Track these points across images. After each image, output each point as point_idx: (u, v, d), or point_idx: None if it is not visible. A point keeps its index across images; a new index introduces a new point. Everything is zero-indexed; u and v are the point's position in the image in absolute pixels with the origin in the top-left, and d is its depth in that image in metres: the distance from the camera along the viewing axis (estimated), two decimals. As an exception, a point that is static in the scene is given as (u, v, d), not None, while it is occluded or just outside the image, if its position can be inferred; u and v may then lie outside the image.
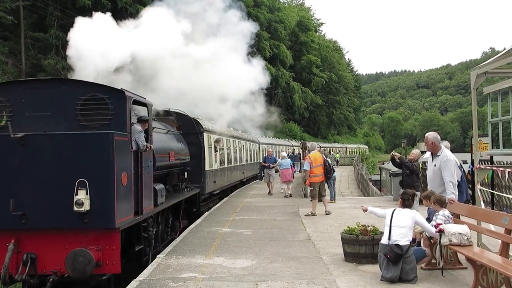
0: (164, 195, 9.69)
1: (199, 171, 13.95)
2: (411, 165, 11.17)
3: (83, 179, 6.52)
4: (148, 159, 8.42)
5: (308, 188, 18.55)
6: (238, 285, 6.29)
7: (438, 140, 7.40)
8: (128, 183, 7.18)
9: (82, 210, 6.46)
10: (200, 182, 13.92)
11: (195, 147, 13.88)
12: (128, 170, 7.23)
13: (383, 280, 6.24)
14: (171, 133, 12.21)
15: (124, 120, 7.36)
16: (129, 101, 7.55)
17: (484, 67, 7.45)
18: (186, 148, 13.13)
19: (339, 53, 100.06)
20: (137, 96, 8.19)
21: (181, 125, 13.69)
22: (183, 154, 12.55)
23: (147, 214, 8.30)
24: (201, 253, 8.29)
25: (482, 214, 6.67)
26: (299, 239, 9.50)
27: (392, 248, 6.16)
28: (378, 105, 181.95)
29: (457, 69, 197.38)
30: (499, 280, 5.57)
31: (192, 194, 12.71)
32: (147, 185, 8.20)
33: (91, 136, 6.87)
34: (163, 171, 10.94)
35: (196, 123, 14.28)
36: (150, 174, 8.54)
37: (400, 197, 6.79)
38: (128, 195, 7.26)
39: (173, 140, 12.11)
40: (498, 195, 11.42)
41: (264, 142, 33.35)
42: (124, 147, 7.18)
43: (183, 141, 13.10)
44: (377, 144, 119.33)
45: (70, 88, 7.49)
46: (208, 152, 14.68)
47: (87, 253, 6.40)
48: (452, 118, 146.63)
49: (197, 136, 14.12)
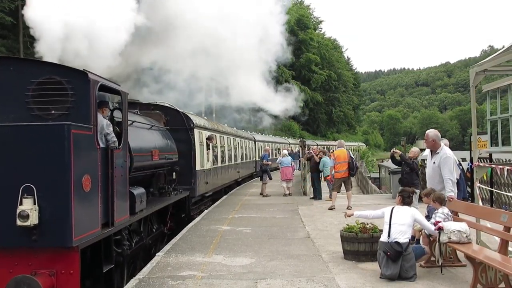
0: (144, 201, 8.38)
1: (189, 171, 12.80)
2: (411, 163, 11.18)
3: (30, 184, 5.19)
4: (122, 159, 7.06)
5: (306, 186, 18.76)
6: (238, 283, 6.29)
7: (438, 138, 7.41)
8: (92, 189, 5.80)
9: (28, 224, 5.10)
10: (190, 183, 12.77)
11: (185, 144, 12.76)
12: (92, 172, 5.87)
13: (382, 278, 6.25)
14: (156, 128, 10.96)
15: (88, 109, 6.00)
16: (95, 86, 6.19)
17: (483, 65, 7.44)
18: (174, 145, 11.97)
19: (338, 51, 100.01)
20: (106, 80, 6.74)
21: (169, 120, 12.49)
22: (170, 152, 11.32)
23: (121, 225, 6.95)
24: (200, 251, 8.29)
25: (481, 212, 6.69)
26: (298, 237, 9.50)
27: (392, 246, 6.17)
28: (377, 103, 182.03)
29: (456, 67, 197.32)
30: (498, 277, 5.58)
31: (181, 197, 11.61)
32: (120, 189, 6.83)
33: (41, 128, 5.50)
34: (145, 173, 9.67)
35: (186, 118, 13.15)
36: (125, 177, 7.18)
37: (399, 195, 6.79)
38: (93, 203, 5.89)
39: (158, 137, 10.88)
40: (497, 193, 11.43)
41: (260, 139, 32.67)
42: (87, 143, 5.82)
43: (170, 138, 11.93)
44: (377, 142, 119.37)
45: (20, 69, 6.14)
46: (199, 150, 13.64)
47: (33, 281, 5.05)
48: (451, 116, 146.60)
49: (187, 133, 12.96)
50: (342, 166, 13.57)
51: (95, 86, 6.20)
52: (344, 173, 13.58)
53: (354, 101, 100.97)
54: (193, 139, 13.10)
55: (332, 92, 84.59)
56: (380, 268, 6.37)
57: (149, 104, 12.67)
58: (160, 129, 11.46)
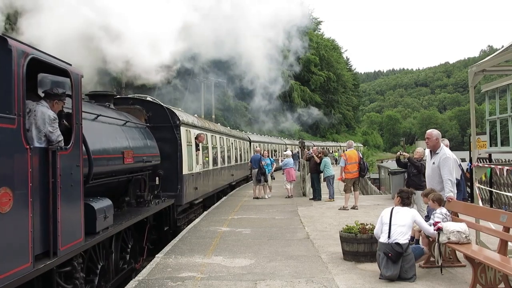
0: (111, 216, 6.58)
1: (175, 176, 11.34)
2: (419, 165, 10.86)
3: None
4: (73, 163, 5.38)
5: (306, 187, 18.76)
6: (237, 284, 6.29)
7: (440, 137, 7.43)
8: (15, 208, 4.09)
9: None
10: (176, 189, 11.30)
11: (170, 144, 11.33)
12: (16, 183, 4.15)
13: (382, 279, 6.25)
14: (132, 125, 9.33)
15: (8, 92, 4.19)
16: (22, 59, 4.42)
17: (482, 65, 7.45)
18: (156, 145, 10.35)
19: (338, 51, 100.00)
20: (44, 54, 4.97)
21: (151, 116, 11.04)
22: (149, 153, 9.65)
23: (71, 253, 5.23)
24: (200, 252, 8.28)
25: (480, 212, 6.68)
26: (298, 238, 9.50)
27: (393, 247, 6.16)
28: (377, 103, 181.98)
29: (455, 67, 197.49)
30: (497, 277, 5.58)
31: (164, 206, 10.07)
32: (69, 204, 5.21)
33: None
34: (115, 179, 7.90)
35: (171, 114, 11.59)
36: (77, 187, 5.49)
37: (398, 195, 6.76)
38: (17, 228, 4.17)
39: (135, 135, 9.20)
40: (497, 193, 11.45)
41: (255, 140, 31.13)
42: (7, 141, 4.10)
43: (151, 137, 10.34)
44: (376, 143, 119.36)
45: None
46: (186, 151, 12.14)
47: None
48: (450, 116, 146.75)
49: (172, 131, 11.42)
50: (353, 167, 13.79)
51: (22, 60, 4.41)
52: (355, 173, 13.81)
53: (353, 102, 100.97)
54: (179, 138, 11.60)
55: (332, 93, 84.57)
56: (379, 268, 6.37)
57: (127, 98, 11.56)
58: (139, 126, 9.90)
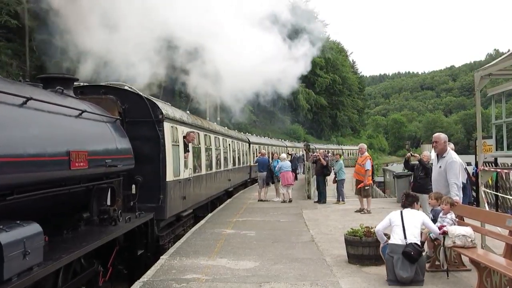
0: (37, 249, 4.35)
1: (157, 183, 9.22)
2: (429, 167, 10.65)
3: None
4: None
5: (311, 190, 18.71)
6: (242, 287, 6.29)
7: (447, 141, 7.43)
8: None
9: None
10: (157, 200, 9.21)
11: (150, 144, 9.23)
12: None
13: (391, 283, 6.15)
14: (92, 117, 7.05)
15: None
16: None
17: (488, 69, 7.44)
18: (129, 145, 8.04)
19: (343, 54, 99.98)
20: None
21: (127, 109, 8.99)
22: (116, 155, 7.31)
23: None
24: (204, 254, 8.29)
25: (486, 216, 6.66)
26: (302, 241, 9.49)
27: (414, 246, 6.09)
28: (382, 106, 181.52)
29: (461, 71, 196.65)
30: (503, 282, 5.54)
31: (138, 224, 7.72)
32: None
33: None
34: (62, 191, 5.79)
35: (152, 106, 9.42)
36: None
37: (405, 199, 6.74)
38: None
39: (96, 131, 7.09)
40: (503, 197, 11.38)
41: (255, 141, 28.95)
42: None
43: (122, 134, 8.04)
44: (381, 146, 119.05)
45: None
46: (172, 153, 9.93)
47: None
48: (456, 120, 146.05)
49: (154, 127, 9.29)
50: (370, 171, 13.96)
51: None
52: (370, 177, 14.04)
53: (358, 105, 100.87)
54: (162, 136, 9.41)
55: (337, 95, 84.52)
56: (387, 272, 6.30)
57: (98, 85, 9.50)
58: (105, 119, 7.62)
